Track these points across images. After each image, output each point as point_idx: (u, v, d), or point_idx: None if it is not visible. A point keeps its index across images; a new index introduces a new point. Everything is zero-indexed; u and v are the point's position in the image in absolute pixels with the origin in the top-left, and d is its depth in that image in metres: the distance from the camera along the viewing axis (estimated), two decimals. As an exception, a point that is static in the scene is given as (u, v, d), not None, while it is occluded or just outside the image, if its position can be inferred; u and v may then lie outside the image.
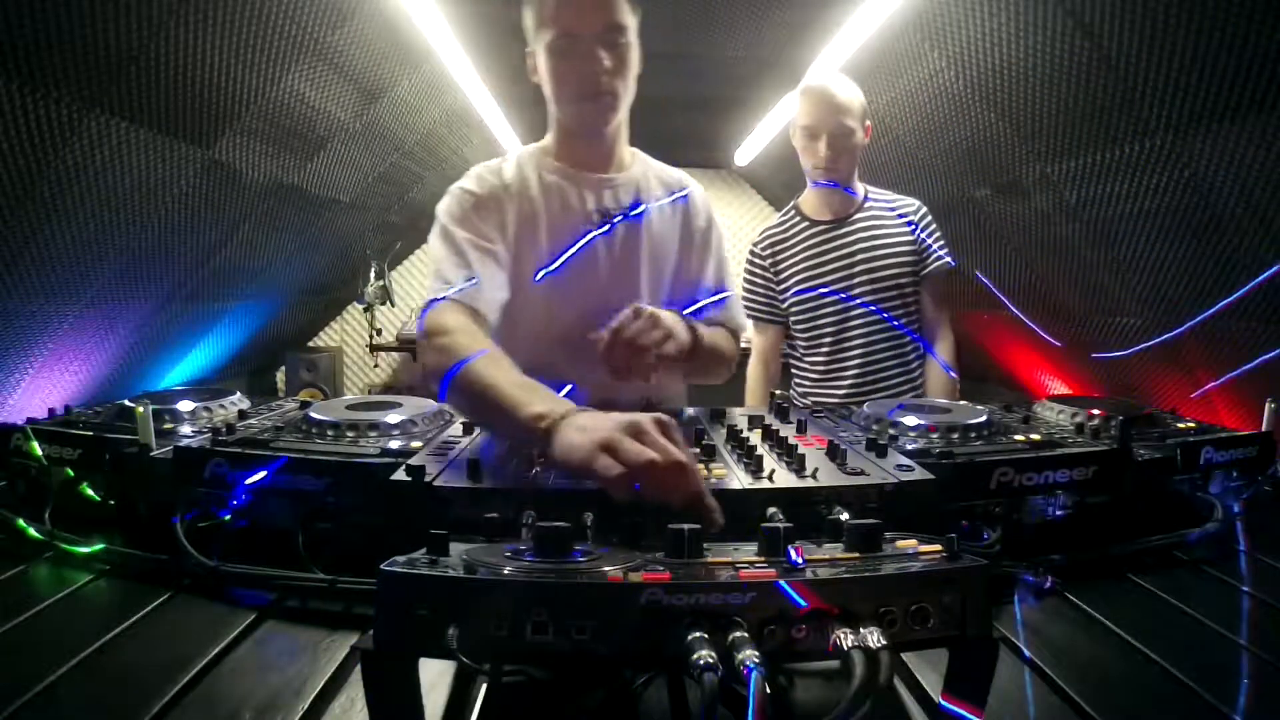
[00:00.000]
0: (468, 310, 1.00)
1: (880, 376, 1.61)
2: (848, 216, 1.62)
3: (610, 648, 0.43)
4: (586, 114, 1.11)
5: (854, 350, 1.61)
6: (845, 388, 1.61)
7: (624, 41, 1.06)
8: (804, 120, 1.56)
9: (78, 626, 0.64)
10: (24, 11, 1.21)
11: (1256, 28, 1.15)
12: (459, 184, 1.14)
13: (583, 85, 1.06)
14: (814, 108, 1.54)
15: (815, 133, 1.55)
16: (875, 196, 1.66)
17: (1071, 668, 0.59)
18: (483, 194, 1.13)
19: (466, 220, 1.10)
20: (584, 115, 1.11)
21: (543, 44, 1.07)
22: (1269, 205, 1.36)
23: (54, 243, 1.68)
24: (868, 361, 1.61)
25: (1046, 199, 1.97)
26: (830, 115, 1.53)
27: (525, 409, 0.76)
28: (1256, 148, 1.30)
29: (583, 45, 1.04)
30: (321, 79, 2.03)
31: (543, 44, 1.07)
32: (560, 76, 1.08)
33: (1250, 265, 1.50)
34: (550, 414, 0.73)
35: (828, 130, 1.53)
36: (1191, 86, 1.33)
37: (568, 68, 1.06)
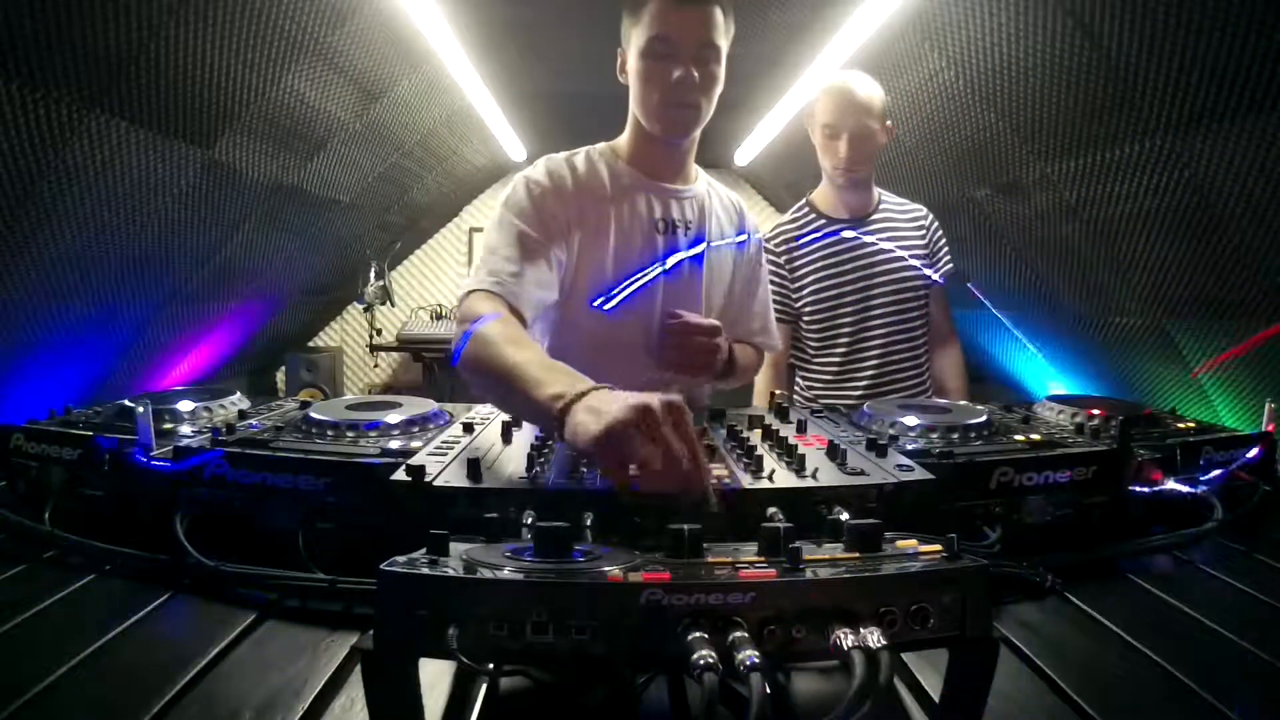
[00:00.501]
0: (504, 303, 0.99)
1: (897, 377, 1.59)
2: (865, 216, 1.61)
3: (610, 648, 0.43)
4: (671, 120, 1.12)
5: (872, 351, 1.59)
6: (861, 389, 1.58)
7: (715, 61, 1.09)
8: (824, 118, 1.54)
9: (78, 626, 0.64)
10: (24, 11, 1.21)
11: (1256, 28, 1.16)
12: (527, 173, 1.14)
13: (672, 92, 1.08)
14: (835, 106, 1.52)
15: (836, 132, 1.53)
16: (887, 198, 1.65)
17: (1071, 668, 0.59)
18: (550, 187, 1.12)
19: (527, 213, 1.09)
20: (668, 121, 1.12)
21: (638, 45, 1.08)
22: (1269, 205, 1.36)
23: (54, 243, 1.68)
24: (885, 362, 1.59)
25: (1046, 199, 1.97)
26: (851, 114, 1.51)
27: (543, 389, 0.74)
28: (1256, 148, 1.30)
29: (678, 53, 1.05)
30: (321, 79, 2.03)
31: (638, 45, 1.08)
32: (651, 79, 1.09)
33: (1251, 265, 1.50)
34: (566, 394, 0.71)
35: (848, 130, 1.51)
36: (1191, 86, 1.33)
37: (661, 71, 1.07)
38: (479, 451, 0.80)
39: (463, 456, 0.78)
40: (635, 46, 1.09)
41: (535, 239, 1.07)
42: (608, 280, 1.18)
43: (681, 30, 1.05)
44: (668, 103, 1.09)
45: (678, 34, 1.05)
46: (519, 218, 1.08)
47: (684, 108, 1.09)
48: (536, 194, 1.11)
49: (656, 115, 1.12)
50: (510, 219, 1.08)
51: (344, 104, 2.25)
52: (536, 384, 0.76)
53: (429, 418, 0.98)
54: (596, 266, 1.16)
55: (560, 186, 1.13)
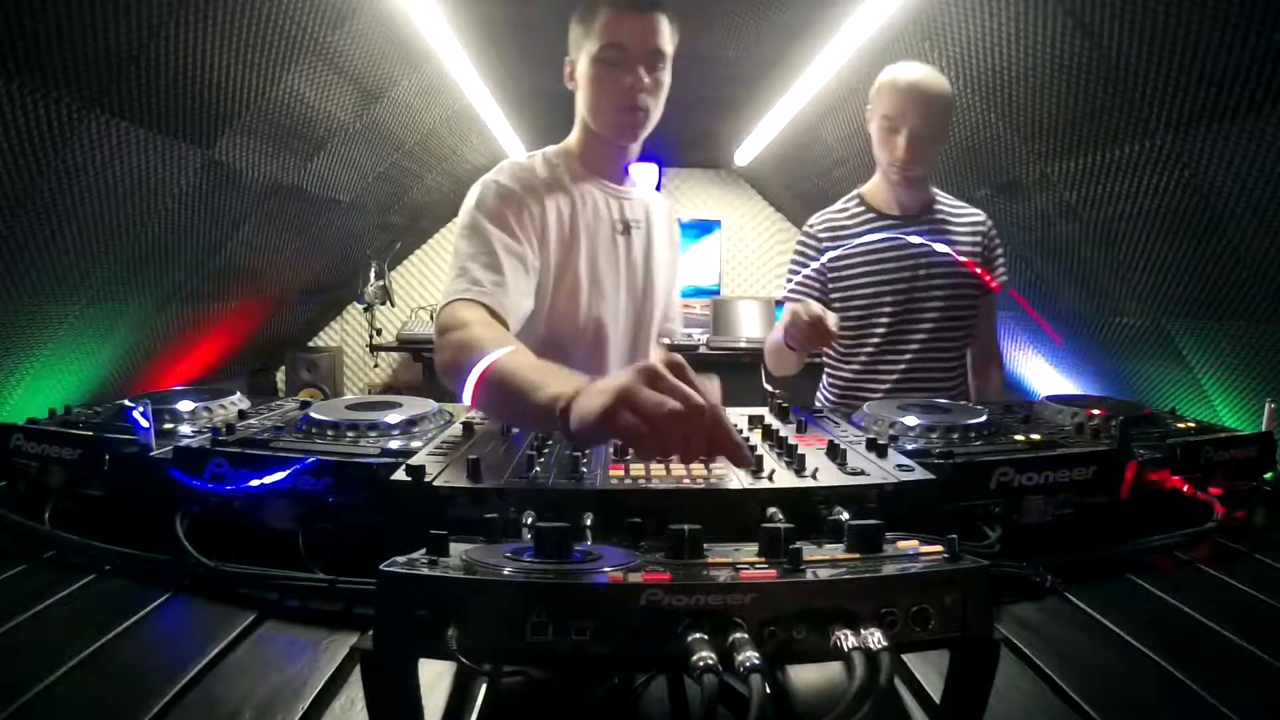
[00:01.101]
0: (486, 309, 0.99)
1: (924, 380, 1.53)
2: (918, 215, 1.53)
3: (610, 648, 0.43)
4: (622, 125, 1.16)
5: (904, 354, 1.51)
6: (884, 391, 1.52)
7: (663, 67, 1.15)
8: (885, 109, 1.44)
9: (78, 626, 0.63)
10: (24, 11, 1.21)
11: (1256, 28, 1.16)
12: (493, 177, 1.14)
13: (623, 97, 1.12)
14: (899, 99, 1.42)
15: (895, 126, 1.43)
16: (942, 198, 1.58)
17: (1072, 668, 0.59)
18: (518, 190, 1.13)
19: (500, 217, 1.09)
20: (619, 125, 1.17)
21: (589, 53, 1.13)
22: (1269, 205, 1.36)
23: (54, 243, 1.68)
24: (914, 368, 1.52)
25: (1046, 199, 1.97)
26: (915, 111, 1.41)
27: (541, 392, 0.73)
28: (1256, 148, 1.30)
29: (628, 60, 1.10)
30: (321, 79, 2.03)
31: (589, 53, 1.13)
32: (602, 86, 1.14)
33: (1251, 265, 1.50)
34: (567, 392, 0.70)
35: (909, 126, 1.42)
36: (1191, 86, 1.33)
37: (612, 78, 1.12)
38: (479, 451, 0.80)
39: (463, 456, 0.78)
40: (587, 54, 1.13)
41: (513, 245, 1.07)
42: (582, 284, 1.19)
43: (631, 38, 1.10)
44: (620, 107, 1.14)
45: (628, 41, 1.10)
46: (494, 223, 1.08)
47: (635, 111, 1.14)
48: (507, 198, 1.11)
49: (609, 120, 1.17)
50: (485, 224, 1.08)
51: (344, 104, 2.25)
52: (534, 388, 0.75)
53: (429, 418, 0.97)
54: (570, 270, 1.18)
55: (529, 190, 1.14)
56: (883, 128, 1.45)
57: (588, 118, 1.20)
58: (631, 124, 1.16)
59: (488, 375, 0.83)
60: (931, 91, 1.41)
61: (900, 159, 1.44)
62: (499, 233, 1.07)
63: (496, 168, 1.17)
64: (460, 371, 0.85)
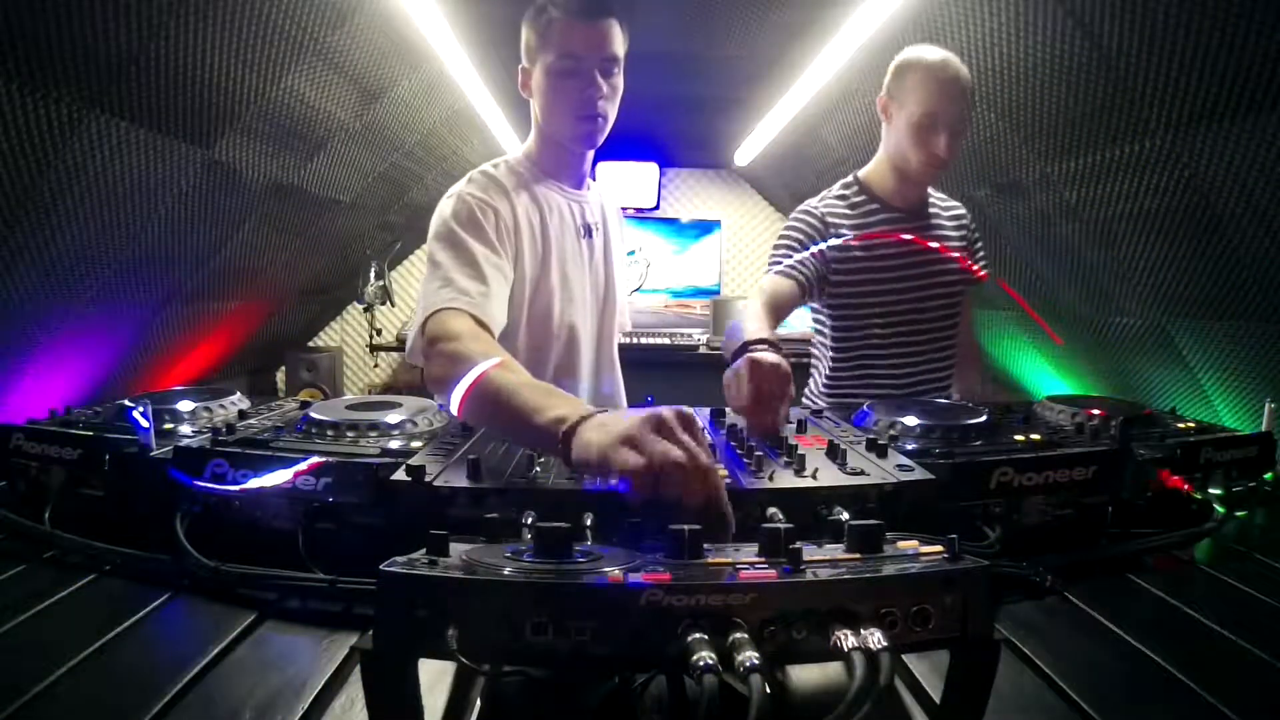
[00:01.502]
0: (474, 320, 0.99)
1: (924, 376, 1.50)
2: (921, 210, 1.49)
3: (610, 648, 0.43)
4: (581, 132, 1.18)
5: (908, 352, 1.48)
6: (883, 387, 1.48)
7: (617, 72, 1.16)
8: (925, 106, 1.33)
9: (78, 626, 0.64)
10: (24, 11, 1.21)
11: (1256, 28, 1.15)
12: (465, 190, 1.15)
13: (581, 105, 1.15)
14: (940, 93, 1.32)
15: (936, 123, 1.33)
16: (932, 191, 1.54)
17: (1072, 668, 0.59)
18: (491, 202, 1.14)
19: (478, 229, 1.10)
20: (578, 133, 1.19)
21: (545, 63, 1.15)
22: (1269, 205, 1.36)
23: (54, 243, 1.68)
24: (918, 366, 1.49)
25: (1046, 199, 1.97)
26: (957, 103, 1.32)
27: (544, 413, 0.73)
28: (1256, 148, 1.30)
29: (584, 68, 1.12)
30: (321, 79, 2.03)
31: (545, 63, 1.15)
32: (559, 94, 1.16)
33: (1251, 265, 1.50)
34: (569, 417, 0.70)
35: (953, 121, 1.33)
36: (1191, 86, 1.33)
37: (569, 87, 1.14)
38: (479, 451, 0.80)
39: (463, 456, 0.78)
40: (542, 64, 1.16)
41: (492, 257, 1.08)
42: (555, 290, 1.21)
43: (586, 46, 1.13)
44: (578, 115, 1.16)
45: (582, 50, 1.12)
46: (473, 235, 1.09)
47: (594, 119, 1.16)
48: (483, 210, 1.12)
49: (568, 127, 1.19)
50: (464, 237, 1.08)
51: (344, 104, 2.25)
52: (534, 409, 0.75)
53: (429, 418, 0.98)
54: (545, 278, 1.20)
55: (502, 201, 1.15)
56: (922, 125, 1.34)
57: (545, 125, 1.23)
58: (590, 131, 1.18)
59: (481, 390, 0.83)
60: (968, 82, 1.34)
61: (942, 159, 1.35)
62: (478, 245, 1.08)
63: (466, 178, 1.18)
64: (452, 384, 0.85)
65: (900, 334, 1.48)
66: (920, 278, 1.47)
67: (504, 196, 1.16)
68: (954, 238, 1.52)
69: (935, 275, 1.48)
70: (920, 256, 1.46)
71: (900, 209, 1.47)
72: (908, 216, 1.47)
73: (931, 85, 1.33)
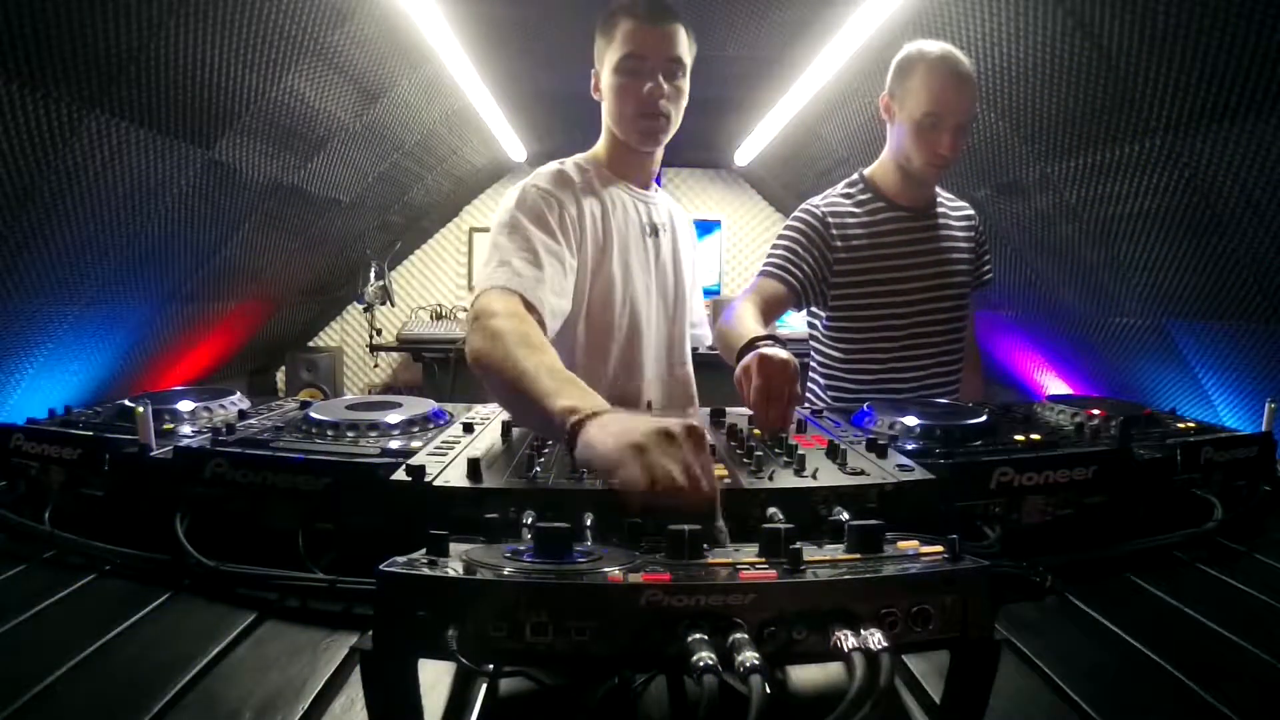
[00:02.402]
0: (522, 301, 1.00)
1: (944, 381, 1.48)
2: (929, 209, 1.46)
3: (610, 648, 0.43)
4: (644, 130, 1.21)
5: (926, 352, 1.45)
6: (890, 388, 1.44)
7: (682, 75, 1.20)
8: (928, 105, 1.30)
9: (78, 626, 0.63)
10: (24, 11, 1.21)
11: (1256, 28, 1.16)
12: (532, 182, 1.18)
13: (643, 103, 1.17)
14: (944, 90, 1.29)
15: (941, 122, 1.30)
16: (940, 191, 1.50)
17: (1072, 668, 0.59)
18: (557, 194, 1.16)
19: (540, 218, 1.12)
20: (641, 131, 1.21)
21: (611, 63, 1.18)
22: (1269, 205, 1.36)
23: (54, 243, 1.68)
24: (937, 364, 1.46)
25: (1046, 199, 1.98)
26: (962, 101, 1.29)
27: (555, 400, 0.73)
28: (1256, 148, 1.31)
29: (648, 68, 1.16)
30: (321, 79, 2.03)
31: (611, 63, 1.18)
32: (624, 93, 1.19)
33: (1251, 265, 1.50)
34: (580, 409, 0.70)
35: (958, 120, 1.30)
36: (1191, 86, 1.33)
37: (632, 85, 1.17)
38: (479, 451, 0.80)
39: (463, 456, 0.78)
40: (609, 64, 1.19)
41: (552, 245, 1.10)
42: (616, 285, 1.22)
43: (650, 47, 1.16)
44: (641, 114, 1.19)
45: (647, 50, 1.16)
46: (535, 223, 1.10)
47: (655, 118, 1.19)
48: (548, 201, 1.14)
49: (631, 126, 1.21)
50: (525, 223, 1.10)
51: (344, 104, 2.25)
52: (548, 394, 0.75)
53: (429, 418, 0.97)
54: (605, 272, 1.21)
55: (567, 194, 1.17)
56: (923, 125, 1.32)
57: (612, 125, 1.25)
58: (652, 129, 1.20)
59: (503, 365, 0.84)
60: (969, 76, 1.30)
61: (947, 158, 1.33)
62: (539, 233, 1.09)
63: (534, 173, 1.20)
64: (484, 358, 0.88)
65: (908, 335, 1.44)
66: (929, 278, 1.43)
67: (570, 192, 1.18)
68: (962, 238, 1.49)
69: (944, 275, 1.45)
70: (929, 256, 1.44)
71: (908, 208, 1.44)
72: (915, 215, 1.44)
73: (932, 84, 1.30)
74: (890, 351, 1.44)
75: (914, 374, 1.45)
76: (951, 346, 1.49)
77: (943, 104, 1.30)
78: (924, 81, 1.31)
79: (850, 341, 1.46)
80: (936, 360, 1.47)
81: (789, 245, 1.41)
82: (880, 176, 1.46)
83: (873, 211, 1.43)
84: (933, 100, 1.30)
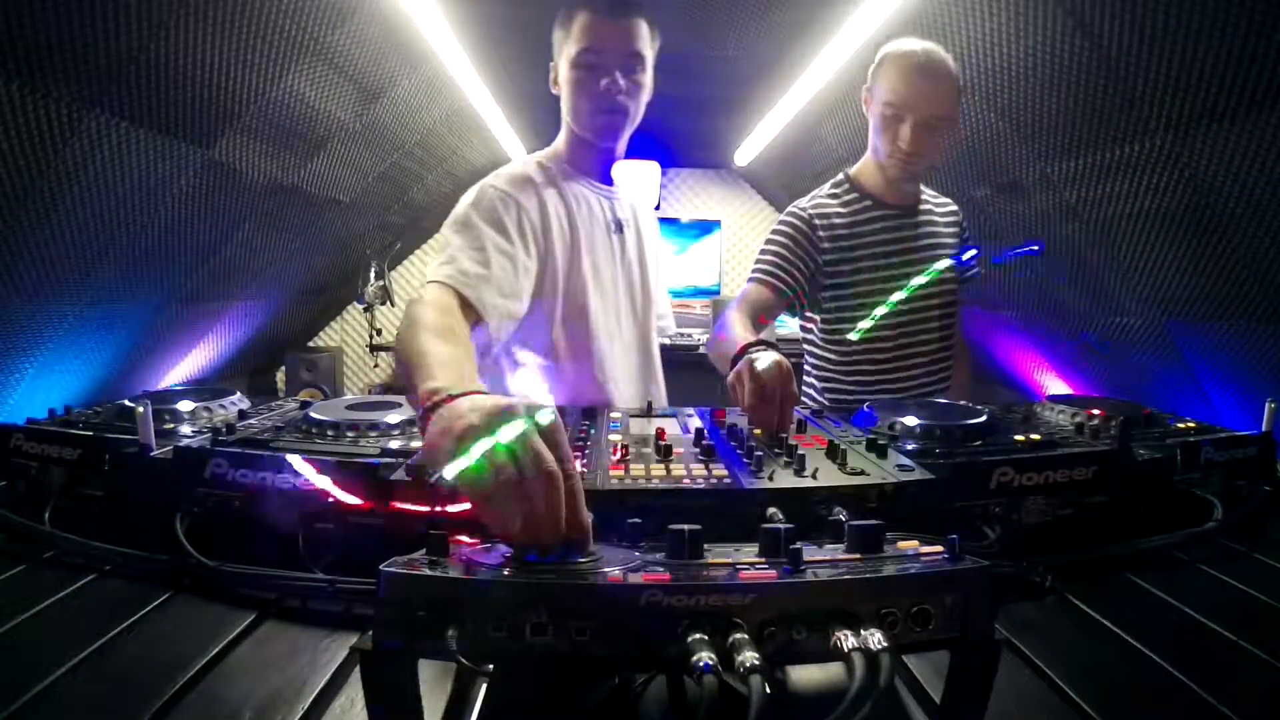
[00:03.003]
0: (460, 299, 0.99)
1: (941, 379, 1.49)
2: (914, 206, 1.46)
3: (610, 648, 0.43)
4: (601, 126, 1.19)
5: (922, 350, 1.45)
6: (882, 386, 1.44)
7: (641, 69, 1.17)
8: (889, 97, 1.30)
9: (78, 626, 0.64)
10: (24, 11, 1.21)
11: (1256, 28, 1.15)
12: (490, 182, 1.16)
13: (601, 99, 1.15)
14: (903, 84, 1.28)
15: (899, 114, 1.30)
16: (924, 188, 1.51)
17: (1072, 668, 0.59)
18: (516, 195, 1.14)
19: (495, 219, 1.10)
20: (599, 127, 1.20)
21: (569, 57, 1.16)
22: (1269, 205, 1.36)
23: (54, 243, 1.68)
24: (933, 362, 1.47)
25: (1046, 199, 1.97)
26: (924, 97, 1.27)
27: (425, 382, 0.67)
28: (1256, 148, 1.30)
29: (605, 62, 1.14)
30: (321, 79, 2.03)
31: (569, 57, 1.16)
32: (582, 88, 1.16)
33: (1251, 265, 1.50)
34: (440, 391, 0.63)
35: (916, 115, 1.28)
36: (1191, 86, 1.33)
37: (591, 81, 1.15)
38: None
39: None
40: (566, 58, 1.16)
41: (504, 245, 1.08)
42: (586, 284, 1.21)
43: (609, 41, 1.14)
44: (599, 109, 1.17)
45: (605, 45, 1.14)
46: (488, 223, 1.09)
47: (614, 113, 1.17)
48: (504, 202, 1.13)
49: (589, 122, 1.20)
50: (477, 222, 1.09)
51: (344, 104, 2.25)
52: (426, 375, 0.69)
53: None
54: (575, 271, 1.20)
55: (527, 195, 1.16)
56: (885, 115, 1.32)
57: (571, 121, 1.23)
58: (610, 125, 1.19)
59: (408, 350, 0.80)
60: (939, 73, 1.28)
61: (905, 152, 1.32)
62: (492, 233, 1.08)
63: (493, 174, 1.18)
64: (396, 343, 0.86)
65: (901, 334, 1.44)
66: (912, 276, 1.43)
67: (531, 191, 1.16)
68: (948, 234, 1.50)
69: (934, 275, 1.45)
70: (916, 254, 1.44)
71: (892, 205, 1.44)
72: (901, 213, 1.44)
73: (894, 77, 1.29)
74: (886, 352, 1.44)
75: (910, 372, 1.46)
76: (945, 343, 1.50)
77: (901, 96, 1.29)
78: (888, 74, 1.31)
79: (846, 344, 1.45)
80: (931, 358, 1.47)
81: (776, 250, 1.41)
82: (864, 175, 1.46)
83: (858, 211, 1.43)
84: (891, 92, 1.30)
